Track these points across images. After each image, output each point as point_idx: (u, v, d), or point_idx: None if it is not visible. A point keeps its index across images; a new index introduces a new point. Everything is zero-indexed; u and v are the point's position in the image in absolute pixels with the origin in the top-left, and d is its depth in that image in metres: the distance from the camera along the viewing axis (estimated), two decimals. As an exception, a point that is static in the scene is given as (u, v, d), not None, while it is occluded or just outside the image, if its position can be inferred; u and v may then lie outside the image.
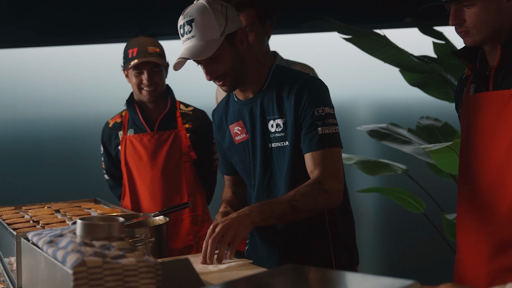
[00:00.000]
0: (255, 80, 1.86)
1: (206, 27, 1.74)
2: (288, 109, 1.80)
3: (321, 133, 1.76)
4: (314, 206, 1.73)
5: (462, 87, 1.90)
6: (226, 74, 1.81)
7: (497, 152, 1.71)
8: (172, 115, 2.75)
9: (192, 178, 2.74)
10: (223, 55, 1.77)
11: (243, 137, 1.89)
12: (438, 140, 3.41)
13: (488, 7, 1.68)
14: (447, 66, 3.22)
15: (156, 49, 2.68)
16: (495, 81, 1.74)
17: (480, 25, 1.70)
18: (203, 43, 1.73)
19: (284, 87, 1.82)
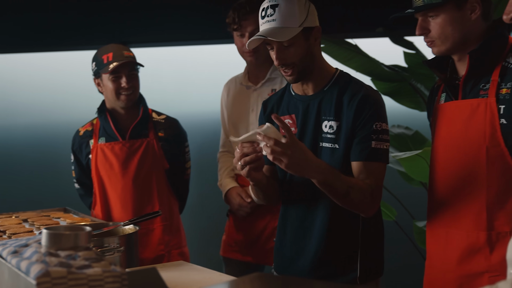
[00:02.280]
0: (318, 79, 1.92)
1: (288, 14, 1.82)
2: (346, 114, 1.86)
3: (374, 147, 1.83)
4: (359, 203, 1.80)
5: (434, 96, 1.93)
6: (294, 65, 1.86)
7: (466, 159, 1.74)
8: (144, 123, 2.72)
9: (164, 187, 2.72)
10: (296, 45, 1.84)
11: (292, 130, 1.91)
12: (409, 148, 3.44)
13: (451, 19, 1.71)
14: (417, 75, 3.27)
15: (131, 54, 2.66)
16: (464, 90, 1.77)
17: (444, 36, 1.73)
18: (282, 28, 1.81)
19: (347, 93, 1.88)
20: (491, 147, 1.67)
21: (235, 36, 2.72)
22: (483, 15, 1.72)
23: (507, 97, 1.66)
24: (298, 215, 1.95)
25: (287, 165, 1.67)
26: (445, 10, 1.71)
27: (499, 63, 1.71)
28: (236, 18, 2.65)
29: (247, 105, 2.79)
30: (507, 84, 1.67)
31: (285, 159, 1.66)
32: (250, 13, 2.64)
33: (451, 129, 1.79)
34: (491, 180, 1.67)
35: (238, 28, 2.67)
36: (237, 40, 2.72)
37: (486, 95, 1.70)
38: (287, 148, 1.66)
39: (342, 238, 1.89)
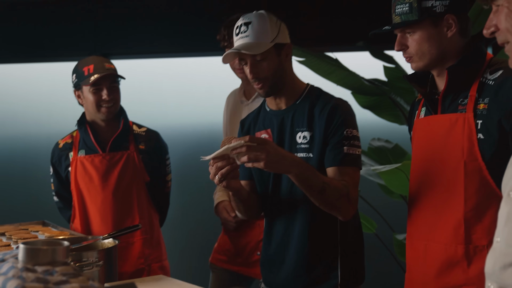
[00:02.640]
0: (291, 93, 2.01)
1: (260, 31, 1.93)
2: (318, 124, 1.95)
3: (346, 152, 1.91)
4: (335, 202, 1.85)
5: (414, 110, 1.95)
6: (266, 79, 1.95)
7: (444, 173, 1.76)
8: (125, 136, 2.71)
9: (144, 200, 2.70)
10: (268, 59, 1.94)
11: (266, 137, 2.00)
12: (389, 161, 3.47)
13: (428, 36, 1.75)
14: (397, 89, 3.31)
15: (112, 66, 2.65)
16: (443, 105, 1.80)
17: (421, 53, 1.77)
18: (255, 42, 1.92)
19: (317, 105, 1.97)
20: (469, 161, 1.69)
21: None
22: (460, 32, 1.76)
23: (484, 112, 1.68)
24: (280, 228, 2.01)
25: (266, 162, 1.71)
26: (421, 27, 1.74)
27: (477, 78, 1.73)
28: (226, 35, 2.68)
29: (240, 118, 2.76)
30: (485, 100, 1.69)
31: (263, 155, 1.70)
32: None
33: (430, 143, 1.82)
34: (469, 194, 1.69)
35: (229, 45, 2.69)
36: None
37: (464, 110, 1.73)
38: (263, 144, 1.72)
39: (322, 246, 1.95)
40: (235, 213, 2.69)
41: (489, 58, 1.78)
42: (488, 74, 1.72)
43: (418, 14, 1.73)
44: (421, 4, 1.73)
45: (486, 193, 1.68)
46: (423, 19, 1.73)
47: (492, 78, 1.70)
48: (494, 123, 1.66)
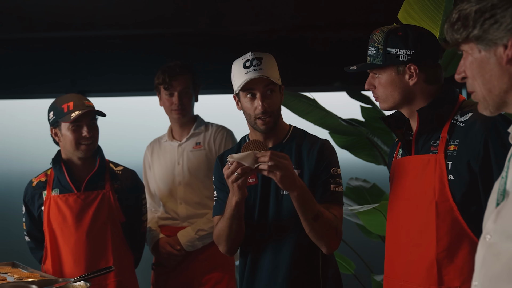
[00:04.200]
0: (278, 132, 2.12)
1: (272, 68, 2.06)
2: (307, 163, 2.06)
3: (333, 190, 2.04)
4: (325, 232, 1.96)
5: (393, 151, 2.01)
6: (272, 114, 2.05)
7: (418, 213, 1.80)
8: (101, 175, 2.71)
9: (119, 241, 2.68)
10: (276, 95, 2.06)
11: (252, 181, 2.05)
12: (367, 201, 3.51)
13: (391, 81, 1.83)
14: (374, 129, 3.37)
15: (91, 103, 2.67)
16: (417, 146, 1.85)
17: (385, 95, 1.86)
18: (268, 78, 2.02)
19: (304, 144, 2.10)
20: (440, 202, 1.73)
21: (163, 95, 3.01)
22: (426, 80, 1.82)
23: (454, 153, 1.74)
24: (267, 260, 2.06)
25: (282, 175, 1.85)
26: (385, 71, 1.83)
27: (448, 120, 1.79)
28: (166, 78, 2.97)
29: (173, 159, 3.04)
30: (455, 141, 1.75)
31: (283, 167, 1.85)
32: (180, 74, 2.98)
33: (405, 184, 1.86)
34: (440, 234, 1.73)
35: (168, 87, 2.98)
36: (165, 99, 3.01)
37: (436, 151, 1.78)
38: (285, 158, 1.87)
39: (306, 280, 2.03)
40: (180, 246, 2.87)
41: (461, 100, 1.84)
42: (459, 116, 1.78)
43: (382, 59, 1.82)
44: (386, 51, 1.81)
45: (458, 233, 1.71)
46: (386, 65, 1.82)
47: (462, 120, 1.76)
48: (463, 165, 1.71)
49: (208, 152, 3.01)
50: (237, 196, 1.95)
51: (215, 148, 3.02)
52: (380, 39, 1.82)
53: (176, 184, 3.02)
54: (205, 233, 2.89)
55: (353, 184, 3.63)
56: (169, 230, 2.99)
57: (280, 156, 1.88)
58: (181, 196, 3.01)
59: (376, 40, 1.84)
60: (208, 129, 3.08)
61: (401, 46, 1.79)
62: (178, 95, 2.98)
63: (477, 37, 1.14)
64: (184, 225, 2.97)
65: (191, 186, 3.00)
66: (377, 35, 1.84)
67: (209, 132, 3.06)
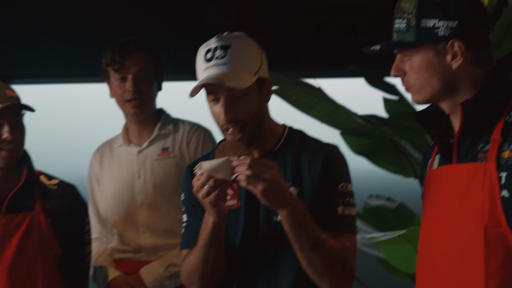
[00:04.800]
0: (267, 138, 2.09)
1: (243, 59, 1.98)
2: (308, 178, 2.03)
3: (341, 213, 2.02)
4: (327, 267, 1.94)
5: (427, 158, 2.01)
6: (244, 123, 2.01)
7: (460, 242, 1.80)
8: (28, 191, 2.71)
9: (53, 280, 2.68)
10: (249, 97, 2.00)
11: (233, 204, 2.03)
12: (391, 226, 3.53)
13: (428, 64, 1.81)
14: (401, 129, 3.39)
15: (14, 94, 2.67)
16: (459, 151, 1.85)
17: (420, 83, 1.83)
18: (236, 74, 1.96)
19: (303, 153, 2.06)
20: (491, 227, 1.74)
21: (113, 80, 2.97)
22: (474, 62, 1.81)
23: (509, 162, 1.74)
24: None
25: (265, 188, 1.84)
26: (420, 51, 1.81)
27: (502, 117, 1.80)
28: (117, 56, 2.91)
29: (131, 171, 3.01)
30: (511, 146, 1.75)
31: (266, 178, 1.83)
32: (134, 51, 2.94)
33: (443, 203, 1.86)
34: (491, 271, 1.73)
35: (120, 68, 2.93)
36: (115, 85, 2.97)
37: (486, 158, 1.78)
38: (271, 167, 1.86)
39: None
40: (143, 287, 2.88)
41: (519, 90, 1.86)
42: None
43: (415, 35, 1.81)
44: (420, 23, 1.80)
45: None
46: (420, 42, 1.80)
47: None
48: None
49: (179, 160, 3.01)
50: (213, 216, 1.94)
51: (189, 154, 3.02)
52: (412, 8, 1.82)
53: (137, 206, 3.02)
54: (177, 270, 2.88)
55: (373, 203, 3.65)
56: (128, 265, 2.98)
57: (264, 163, 1.87)
58: (144, 222, 3.01)
59: (405, 9, 1.83)
60: (178, 128, 3.07)
61: (441, 16, 1.79)
62: (133, 79, 2.93)
63: None
64: (150, 259, 2.98)
65: (157, 208, 3.00)
66: (407, 2, 1.83)
67: (179, 133, 3.05)
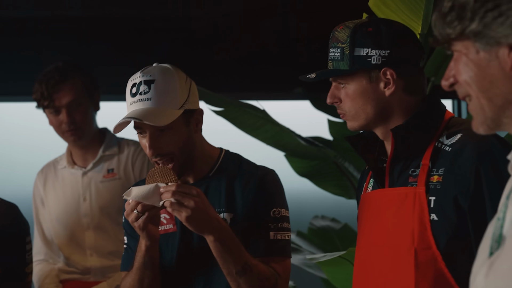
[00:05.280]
0: (200, 165, 2.11)
1: (167, 93, 2.00)
2: (241, 203, 2.06)
3: (273, 238, 2.04)
4: None
5: (362, 182, 2.05)
6: (173, 155, 2.02)
7: (393, 263, 1.83)
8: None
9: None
10: (174, 130, 2.01)
11: (169, 228, 2.07)
12: (336, 247, 3.55)
13: (362, 92, 1.84)
14: (345, 151, 3.41)
15: None
16: (391, 175, 1.89)
17: (355, 110, 1.87)
18: (159, 109, 1.98)
19: (238, 178, 2.09)
20: (421, 249, 1.77)
21: (48, 113, 2.96)
22: (407, 90, 1.85)
23: (438, 186, 1.78)
24: None
25: (189, 216, 1.87)
26: (354, 79, 1.85)
27: (431, 143, 1.84)
28: (45, 91, 2.89)
29: (76, 192, 3.00)
30: (439, 170, 1.79)
31: (190, 206, 1.87)
32: (62, 82, 2.91)
33: (377, 226, 1.89)
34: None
35: (50, 103, 2.90)
36: (51, 118, 2.96)
37: (415, 183, 1.82)
38: (195, 195, 1.89)
39: None
40: None
41: (448, 117, 1.89)
42: (444, 138, 1.82)
43: (349, 63, 1.84)
44: (354, 52, 1.83)
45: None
46: (354, 70, 1.84)
47: (449, 143, 1.81)
48: (449, 201, 1.75)
49: (124, 181, 3.00)
50: (144, 239, 1.97)
51: (134, 176, 3.01)
52: (345, 37, 1.85)
53: (83, 228, 3.00)
54: None
55: (318, 224, 3.67)
56: (76, 286, 2.95)
57: (187, 191, 1.90)
58: (91, 244, 3.00)
59: (339, 39, 1.86)
60: (123, 149, 3.06)
61: (373, 46, 1.83)
62: (66, 111, 2.93)
63: (476, 33, 1.15)
64: (98, 280, 2.96)
65: (103, 230, 2.99)
66: (341, 32, 1.86)
67: (124, 154, 3.05)
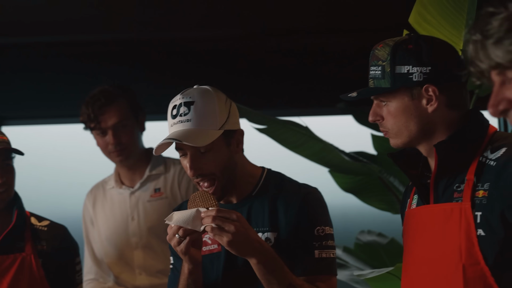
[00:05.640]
0: (243, 185, 2.12)
1: (206, 114, 2.02)
2: (285, 222, 2.07)
3: (318, 257, 2.04)
4: None
5: (406, 198, 2.04)
6: (214, 176, 2.04)
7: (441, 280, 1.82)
8: (19, 232, 2.71)
9: (43, 322, 2.69)
10: (215, 151, 2.03)
11: (214, 249, 2.09)
12: (383, 262, 3.53)
13: (404, 109, 1.85)
14: (389, 166, 3.38)
15: (4, 137, 2.68)
16: (436, 191, 1.88)
17: (397, 128, 1.87)
18: (199, 130, 2.01)
19: (280, 197, 2.10)
20: (469, 265, 1.76)
21: (95, 135, 3.01)
22: (450, 105, 1.85)
23: (484, 201, 1.76)
24: None
25: (230, 240, 1.87)
26: (396, 96, 1.85)
27: (475, 157, 1.83)
28: (91, 114, 2.95)
29: (124, 212, 3.02)
30: (484, 185, 1.78)
31: (230, 230, 1.87)
32: (107, 104, 2.96)
33: (423, 243, 1.88)
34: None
35: (97, 125, 2.96)
36: (98, 139, 3.01)
37: (461, 198, 1.81)
38: (235, 219, 1.89)
39: None
40: None
41: (492, 131, 1.88)
42: (489, 152, 1.81)
43: (390, 81, 1.85)
44: (395, 70, 1.84)
45: (493, 307, 1.73)
46: (396, 88, 1.84)
47: (493, 158, 1.79)
48: (496, 216, 1.73)
49: (171, 200, 3.02)
50: (187, 263, 1.99)
51: (181, 194, 3.03)
52: (386, 55, 1.86)
53: (132, 247, 3.03)
54: None
55: (364, 239, 3.65)
56: None
57: (228, 215, 1.90)
58: (140, 263, 3.02)
59: (379, 57, 1.87)
60: (169, 168, 3.08)
61: (414, 63, 1.83)
62: (113, 132, 2.98)
63: None
64: None
65: (152, 249, 3.01)
66: (381, 50, 1.87)
67: (170, 173, 3.07)
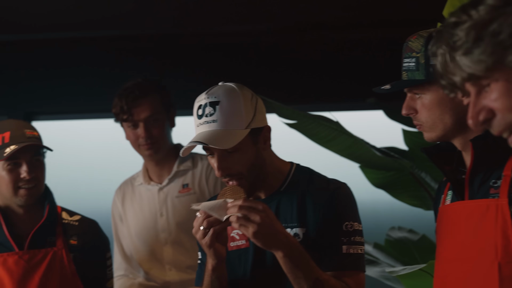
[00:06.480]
0: (272, 181, 2.12)
1: (232, 114, 2.00)
2: (313, 217, 2.05)
3: (345, 252, 2.03)
4: None
5: (440, 194, 2.02)
6: (241, 175, 2.03)
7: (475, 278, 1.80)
8: (51, 227, 2.73)
9: (75, 316, 2.70)
10: (242, 151, 2.01)
11: (242, 244, 2.08)
12: (414, 259, 3.51)
13: (439, 101, 1.82)
14: (421, 161, 3.36)
15: (35, 133, 2.69)
16: (471, 187, 1.86)
17: (432, 121, 1.85)
18: (225, 131, 1.99)
19: (309, 192, 2.08)
20: (505, 263, 1.73)
21: (126, 127, 3.04)
22: None
23: None
24: None
25: (256, 231, 1.85)
26: (430, 89, 1.83)
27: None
28: (124, 106, 2.97)
29: (153, 208, 3.04)
30: None
31: (256, 221, 1.85)
32: (141, 97, 2.98)
33: (457, 239, 1.86)
34: (506, 307, 1.73)
35: (129, 117, 2.98)
36: (129, 132, 3.04)
37: (497, 194, 1.78)
38: (261, 211, 1.87)
39: None
40: None
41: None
42: None
43: (425, 73, 1.83)
44: (429, 61, 1.81)
45: (529, 305, 1.72)
46: (430, 80, 1.81)
47: None
48: None
49: (199, 196, 3.03)
50: (211, 258, 1.98)
51: (209, 190, 3.04)
52: (420, 47, 1.84)
53: (161, 243, 3.05)
54: None
55: (395, 235, 3.63)
56: None
57: (254, 206, 1.89)
58: (170, 259, 3.04)
59: (413, 49, 1.85)
60: (196, 164, 3.09)
61: None
62: (144, 125, 3.00)
63: None
64: None
65: (181, 245, 3.02)
66: (415, 42, 1.86)
67: (198, 168, 3.08)
